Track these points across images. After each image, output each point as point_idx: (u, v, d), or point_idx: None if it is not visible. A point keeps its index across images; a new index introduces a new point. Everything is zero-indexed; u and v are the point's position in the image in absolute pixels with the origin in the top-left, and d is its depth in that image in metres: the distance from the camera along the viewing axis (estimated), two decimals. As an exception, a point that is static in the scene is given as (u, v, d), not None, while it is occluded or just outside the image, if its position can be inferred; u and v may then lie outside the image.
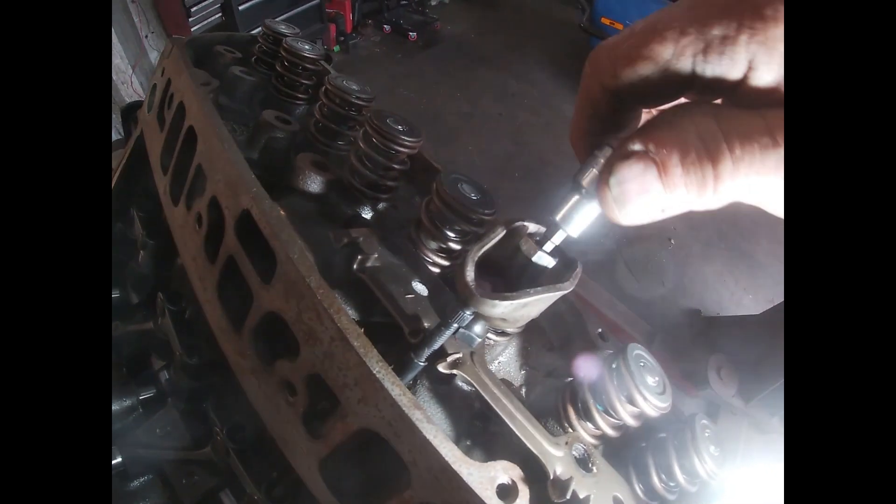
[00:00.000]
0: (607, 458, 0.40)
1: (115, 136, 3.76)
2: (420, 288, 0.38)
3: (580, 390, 0.41)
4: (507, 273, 0.33)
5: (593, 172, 0.27)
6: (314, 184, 0.49)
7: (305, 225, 0.41)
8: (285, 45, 0.73)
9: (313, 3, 4.16)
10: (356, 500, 0.39)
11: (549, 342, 0.48)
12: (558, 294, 0.30)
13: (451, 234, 0.44)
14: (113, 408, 0.78)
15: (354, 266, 0.38)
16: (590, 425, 0.40)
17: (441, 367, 0.32)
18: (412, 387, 0.37)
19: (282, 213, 0.39)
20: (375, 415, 0.32)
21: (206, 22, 3.62)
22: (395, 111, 0.57)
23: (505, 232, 0.31)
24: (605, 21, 4.57)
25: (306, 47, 0.73)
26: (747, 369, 1.13)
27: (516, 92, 5.41)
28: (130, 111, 1.16)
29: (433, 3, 6.56)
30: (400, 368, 0.32)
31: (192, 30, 3.60)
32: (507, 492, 0.30)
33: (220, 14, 3.65)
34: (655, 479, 0.41)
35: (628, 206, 0.26)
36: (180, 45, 0.78)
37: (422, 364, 0.33)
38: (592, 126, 0.29)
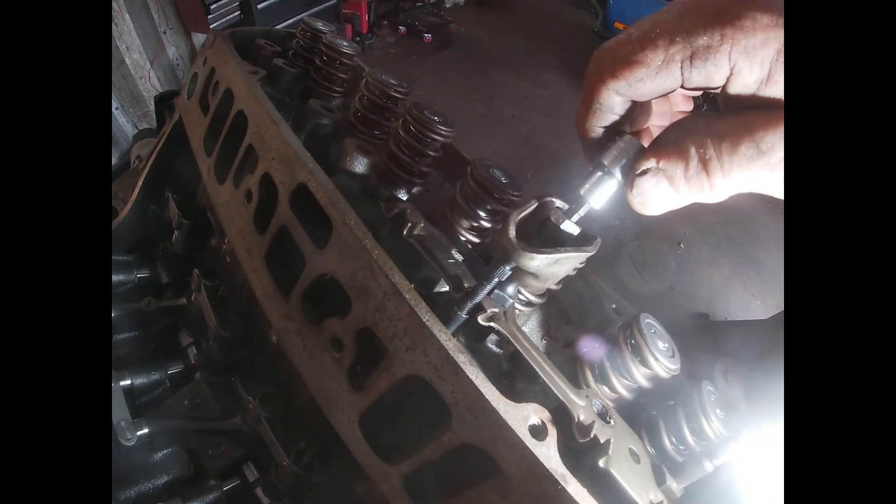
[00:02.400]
0: (623, 424, 0.45)
1: (131, 129, 3.88)
2: (458, 255, 0.43)
3: (598, 356, 0.46)
4: (535, 243, 0.38)
5: (613, 154, 0.33)
6: (359, 165, 0.55)
7: (351, 200, 0.47)
8: (325, 41, 0.79)
9: (330, 2, 4.28)
10: (392, 452, 0.44)
11: (567, 316, 0.53)
12: (583, 255, 0.35)
13: (482, 214, 0.49)
14: (140, 381, 0.83)
15: (404, 232, 0.44)
16: (605, 388, 0.45)
17: (480, 319, 0.37)
18: (452, 340, 0.43)
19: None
20: (422, 360, 0.37)
21: (224, 19, 3.74)
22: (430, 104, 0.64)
23: (537, 204, 0.37)
24: (619, 26, 4.69)
25: (344, 44, 0.80)
26: (753, 373, 1.17)
27: (529, 94, 5.51)
28: (164, 100, 1.24)
29: (448, 6, 6.70)
30: (444, 322, 0.38)
31: (211, 27, 3.72)
32: (537, 431, 0.35)
33: (238, 12, 3.77)
34: (667, 442, 0.45)
35: (648, 206, 0.34)
36: (223, 37, 0.85)
37: (464, 316, 0.38)
38: (595, 116, 0.35)
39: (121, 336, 0.89)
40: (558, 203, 0.37)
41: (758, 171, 0.29)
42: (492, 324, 0.37)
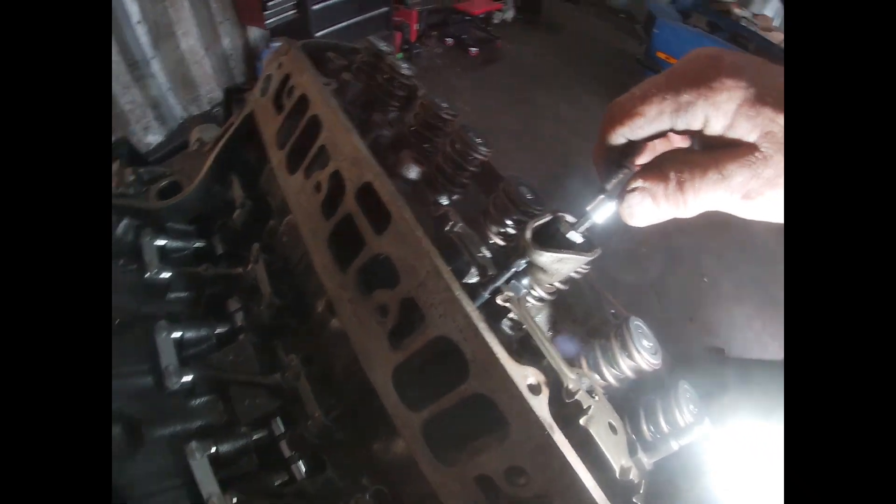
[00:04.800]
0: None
1: (180, 111, 4.13)
2: (486, 252, 0.57)
3: (592, 349, 0.58)
4: (546, 245, 0.52)
5: (615, 181, 0.46)
6: (412, 172, 0.70)
7: (404, 200, 0.61)
8: (387, 61, 0.95)
9: (382, 10, 4.55)
10: (417, 404, 0.57)
11: (572, 314, 0.66)
12: (582, 259, 0.48)
13: (509, 222, 0.63)
14: (189, 335, 0.98)
15: (446, 228, 0.57)
16: (597, 376, 0.57)
17: (499, 299, 0.51)
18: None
19: (394, 187, 0.59)
20: (451, 325, 0.50)
21: (280, 17, 4.02)
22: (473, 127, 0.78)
23: (552, 217, 0.50)
24: (661, 55, 4.81)
25: (404, 66, 0.95)
26: (763, 410, 1.24)
27: (569, 116, 5.67)
28: (231, 93, 1.43)
29: (496, 22, 6.94)
30: (470, 298, 0.51)
31: (266, 23, 4.00)
32: (534, 388, 0.48)
33: (294, 10, 4.06)
34: (643, 424, 0.57)
35: (635, 218, 0.47)
36: (297, 47, 1.02)
37: (486, 295, 0.52)
38: (608, 153, 0.48)
39: (176, 295, 1.05)
40: (568, 217, 0.50)
41: (721, 193, 0.40)
42: (507, 304, 0.50)
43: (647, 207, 0.45)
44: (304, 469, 0.88)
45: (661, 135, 0.45)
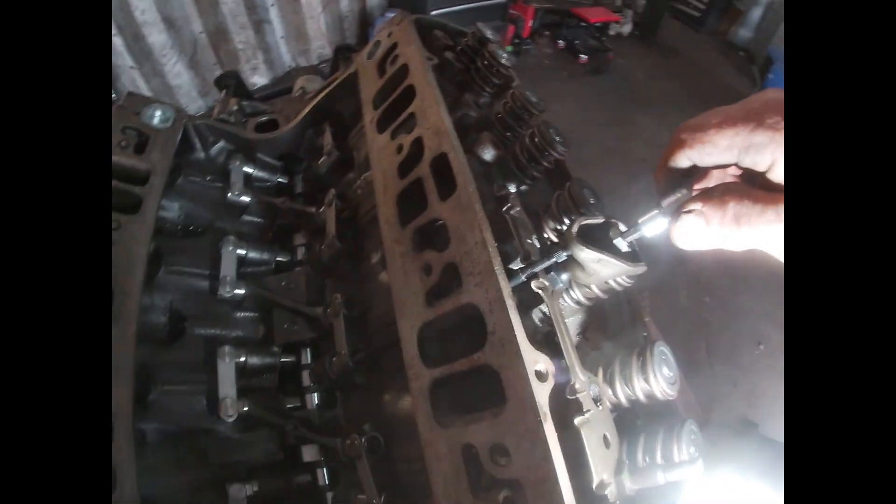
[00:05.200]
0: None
1: (289, 60, 4.38)
2: (536, 242, 0.60)
3: (612, 364, 0.60)
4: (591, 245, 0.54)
5: (671, 199, 0.48)
6: (487, 154, 0.75)
7: (473, 176, 0.66)
8: (489, 49, 1.00)
9: (500, 1, 4.57)
10: (434, 360, 0.62)
11: (604, 327, 0.68)
12: (622, 266, 0.50)
13: (566, 221, 0.66)
14: (252, 255, 1.09)
15: (503, 209, 0.62)
16: (609, 391, 0.59)
17: (534, 284, 0.54)
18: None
19: (466, 162, 0.64)
20: (483, 295, 0.55)
21: (399, -10, 4.16)
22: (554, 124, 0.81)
23: (603, 220, 0.53)
24: None
25: (504, 55, 0.99)
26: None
27: (664, 143, 5.40)
28: (341, 51, 1.55)
29: (611, 34, 6.73)
30: (508, 277, 0.55)
31: (385, -7, 4.14)
32: (540, 375, 0.51)
33: (414, -14, 4.18)
34: (639, 451, 0.58)
35: (684, 239, 0.48)
36: (410, 20, 1.10)
37: (523, 278, 0.56)
38: (670, 172, 0.50)
39: (251, 219, 1.18)
40: (620, 225, 0.53)
41: (774, 232, 0.42)
42: (540, 291, 0.54)
43: (700, 231, 0.46)
44: (316, 401, 0.97)
45: (725, 166, 0.46)
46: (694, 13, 7.18)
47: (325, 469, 0.88)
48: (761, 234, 0.43)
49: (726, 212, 0.44)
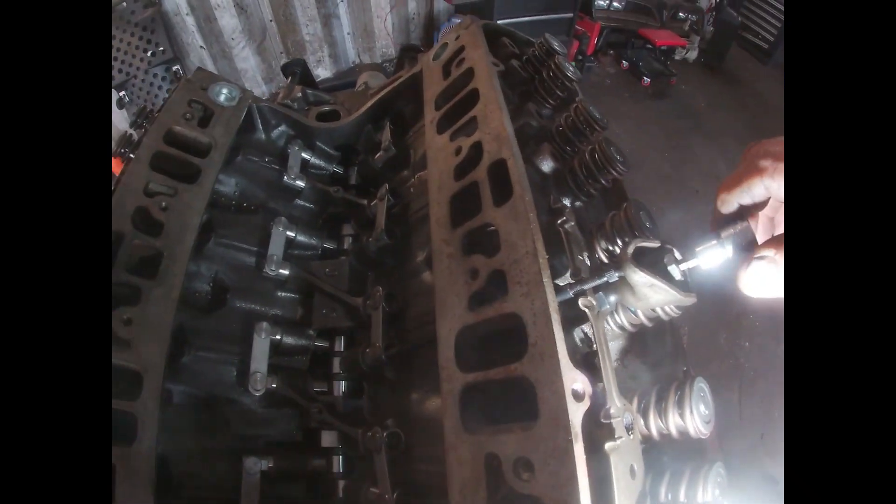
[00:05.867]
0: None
1: (353, 55, 4.51)
2: (587, 259, 0.60)
3: (648, 395, 0.58)
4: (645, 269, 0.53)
5: (730, 231, 0.47)
6: (546, 165, 0.75)
7: (530, 185, 0.66)
8: (556, 60, 1.00)
9: (566, 15, 4.56)
10: (468, 365, 0.63)
11: (645, 356, 0.66)
12: (674, 294, 0.49)
13: (619, 242, 0.65)
14: (301, 239, 1.12)
15: (558, 222, 0.62)
16: (642, 422, 0.58)
17: (581, 302, 0.54)
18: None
19: (525, 171, 0.64)
20: (528, 306, 0.55)
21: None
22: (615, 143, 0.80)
23: (659, 245, 0.52)
24: None
25: (570, 68, 0.99)
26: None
27: (722, 174, 5.20)
28: (407, 50, 1.60)
29: (677, 58, 6.58)
30: (555, 292, 0.55)
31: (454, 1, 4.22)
32: (577, 394, 0.50)
33: (483, -5, 4.24)
34: (662, 488, 0.56)
35: (756, 288, 0.47)
36: (478, 25, 1.11)
37: (570, 294, 0.55)
38: (736, 195, 0.49)
39: (303, 203, 1.22)
40: (676, 252, 0.51)
41: None
42: (586, 309, 0.53)
43: (772, 280, 0.44)
44: (343, 389, 1.00)
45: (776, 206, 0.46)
46: (762, 44, 6.95)
47: (341, 457, 0.90)
48: None
49: None
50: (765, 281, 0.45)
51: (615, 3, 5.73)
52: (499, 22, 4.33)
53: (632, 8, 5.96)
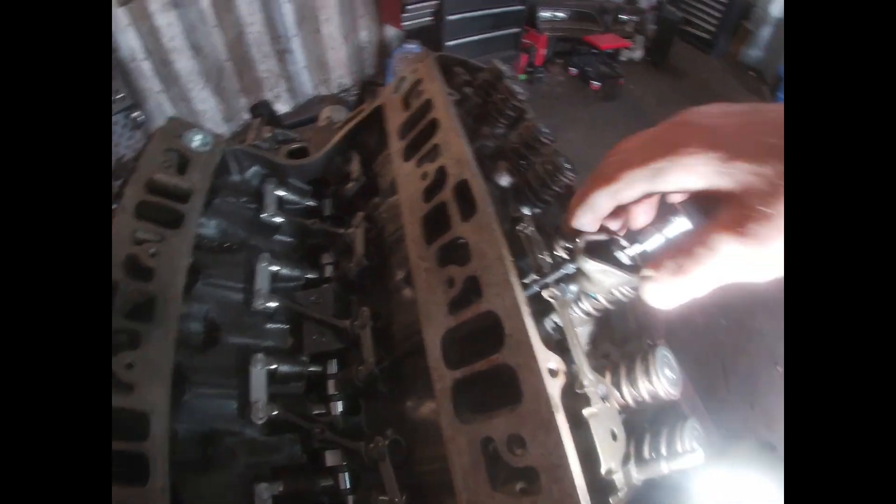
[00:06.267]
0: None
1: (311, 89, 4.61)
2: (548, 258, 0.69)
3: (618, 368, 0.68)
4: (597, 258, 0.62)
5: (670, 225, 0.55)
6: (503, 180, 0.85)
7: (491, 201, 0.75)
8: (505, 84, 1.11)
9: (513, 31, 4.80)
10: (455, 364, 0.71)
11: (612, 337, 0.76)
12: (623, 275, 0.59)
13: (575, 241, 0.75)
14: (283, 271, 1.18)
15: (518, 227, 0.71)
16: (616, 393, 0.67)
17: (546, 294, 0.63)
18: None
19: (486, 188, 0.74)
20: (501, 304, 0.63)
21: (416, 21, 4.42)
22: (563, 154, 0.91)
23: (608, 238, 0.61)
24: None
25: (519, 90, 1.11)
26: None
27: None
28: (368, 84, 1.70)
29: (623, 60, 6.95)
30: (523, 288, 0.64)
31: (403, 24, 4.41)
32: (553, 372, 0.59)
33: (430, 17, 4.45)
34: (645, 447, 0.65)
35: (655, 303, 0.51)
36: (433, 59, 1.22)
37: (536, 288, 0.64)
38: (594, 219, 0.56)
39: (282, 238, 1.29)
40: (622, 241, 0.61)
41: (715, 266, 0.43)
42: (552, 300, 0.62)
43: (660, 294, 0.49)
44: (340, 408, 1.05)
45: (645, 196, 0.51)
46: (704, 35, 7.37)
47: (346, 473, 0.96)
48: (707, 276, 0.45)
49: (667, 270, 0.46)
50: (655, 296, 0.49)
51: (559, 14, 6.04)
52: (448, 44, 4.53)
53: (575, 16, 6.29)
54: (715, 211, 0.44)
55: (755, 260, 0.42)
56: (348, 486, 0.95)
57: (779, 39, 6.77)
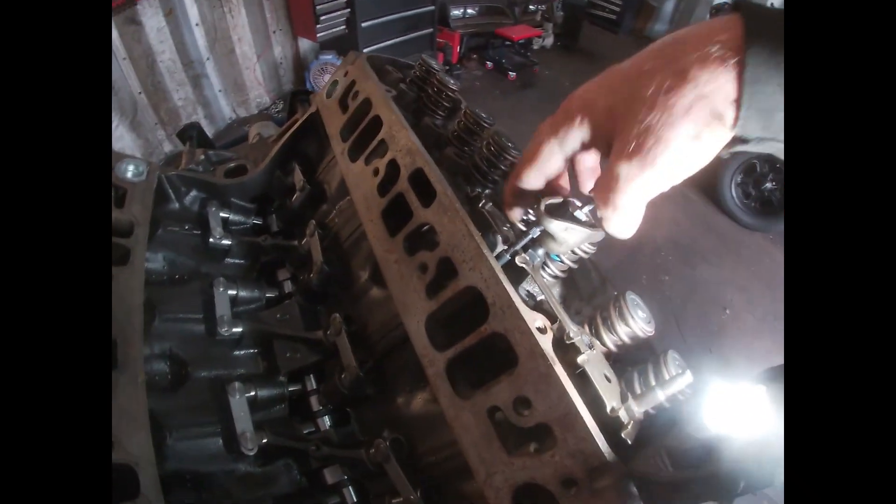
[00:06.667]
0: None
1: (229, 112, 4.42)
2: (510, 228, 0.72)
3: (594, 319, 0.72)
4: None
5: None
6: (452, 167, 0.87)
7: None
8: (437, 77, 1.14)
9: (426, 31, 4.86)
10: (443, 346, 0.72)
11: (580, 294, 0.80)
12: (584, 230, 0.62)
13: (530, 210, 0.78)
14: (243, 294, 1.14)
15: (479, 206, 0.73)
16: (597, 342, 0.71)
17: (518, 260, 0.66)
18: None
19: (441, 172, 0.76)
20: (478, 277, 0.65)
21: (330, 31, 4.37)
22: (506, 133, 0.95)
23: (563, 199, 0.65)
24: None
25: (451, 81, 1.13)
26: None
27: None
28: (297, 94, 1.66)
29: (535, 48, 7.25)
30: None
31: (318, 35, 4.34)
32: (541, 330, 0.62)
33: (344, 27, 4.41)
34: (636, 384, 0.68)
35: (620, 229, 0.56)
36: (363, 59, 1.22)
37: (508, 256, 0.67)
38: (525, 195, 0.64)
39: (234, 261, 1.23)
40: (576, 201, 0.65)
41: (633, 187, 0.49)
42: (524, 265, 0.65)
43: (617, 226, 0.55)
44: (328, 422, 1.03)
45: (566, 163, 0.61)
46: (610, 16, 7.86)
47: (350, 488, 0.94)
48: (636, 195, 0.51)
49: (603, 206, 0.53)
50: (617, 230, 0.55)
51: (469, 10, 6.19)
52: (365, 50, 4.51)
53: (485, 11, 6.47)
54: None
55: (659, 169, 0.48)
56: (356, 500, 0.93)
57: (681, 11, 7.35)
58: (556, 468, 0.60)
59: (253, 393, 0.97)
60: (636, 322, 0.68)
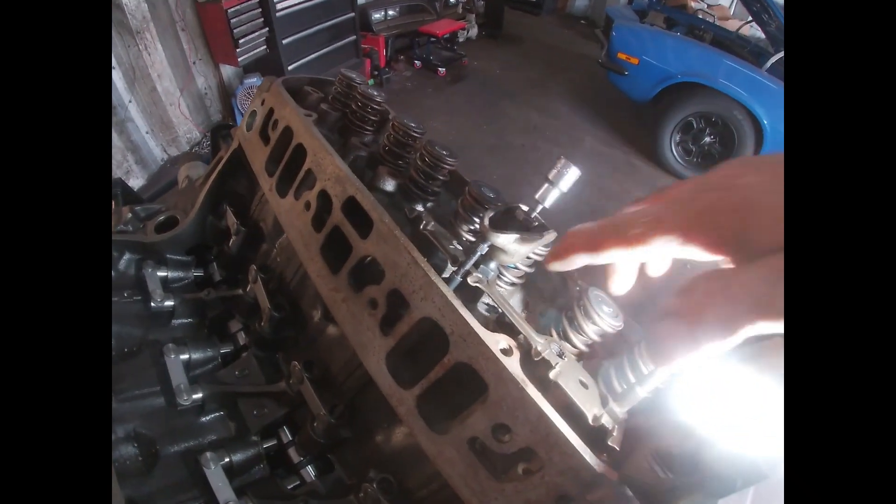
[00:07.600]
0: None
1: (160, 153, 4.20)
2: (458, 246, 0.66)
3: (560, 322, 0.67)
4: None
5: (554, 172, 0.56)
6: (388, 185, 0.80)
7: (384, 209, 0.71)
8: (360, 91, 1.06)
9: (350, 39, 4.73)
10: (408, 383, 0.66)
11: (542, 295, 0.76)
12: (534, 237, 0.58)
13: (476, 219, 0.73)
14: (196, 356, 1.05)
15: (421, 227, 0.67)
16: (567, 345, 0.66)
17: (470, 280, 0.60)
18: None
19: (374, 198, 0.69)
20: (431, 306, 0.59)
21: (251, 53, 4.17)
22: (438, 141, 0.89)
23: (507, 207, 0.60)
24: (622, 56, 5.07)
25: (375, 93, 1.06)
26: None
27: (539, 124, 5.91)
28: (219, 129, 1.53)
29: (461, 40, 7.22)
30: (446, 283, 0.60)
31: (239, 60, 4.13)
32: (506, 351, 0.57)
33: (265, 47, 4.21)
34: (615, 382, 0.64)
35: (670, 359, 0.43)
36: (279, 83, 1.13)
37: (459, 279, 0.61)
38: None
39: (181, 321, 1.13)
40: (523, 206, 0.60)
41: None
42: (478, 284, 0.60)
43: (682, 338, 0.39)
44: (313, 472, 0.96)
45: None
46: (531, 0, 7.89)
47: (345, 536, 0.87)
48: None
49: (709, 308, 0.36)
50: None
51: (391, 12, 6.07)
52: (289, 66, 4.33)
53: (407, 11, 6.37)
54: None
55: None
56: (353, 546, 0.87)
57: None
58: (548, 488, 0.57)
59: (227, 459, 0.89)
60: (603, 319, 0.64)
